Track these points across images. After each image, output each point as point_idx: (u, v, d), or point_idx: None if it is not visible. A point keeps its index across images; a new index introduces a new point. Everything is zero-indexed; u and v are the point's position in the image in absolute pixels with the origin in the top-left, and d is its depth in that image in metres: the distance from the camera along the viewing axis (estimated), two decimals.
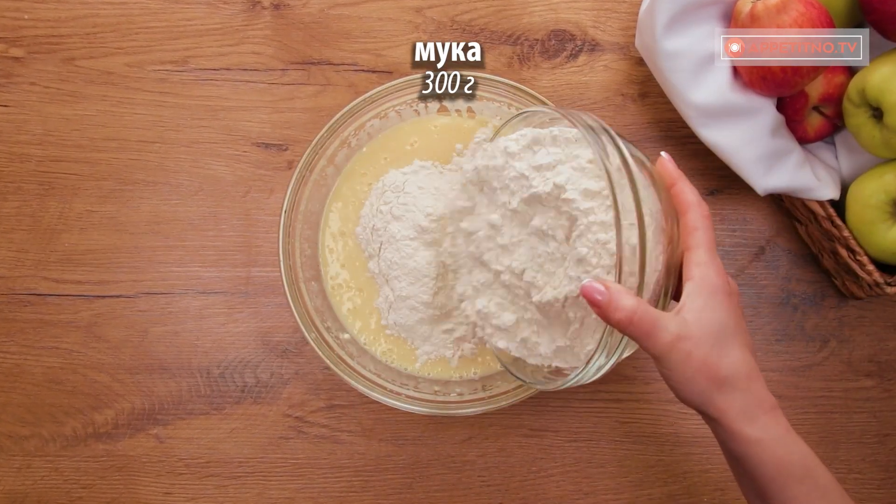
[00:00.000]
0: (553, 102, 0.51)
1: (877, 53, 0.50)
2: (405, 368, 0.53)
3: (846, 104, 0.51)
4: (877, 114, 0.49)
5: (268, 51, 0.60)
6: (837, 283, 0.59)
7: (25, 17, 0.60)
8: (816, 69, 0.50)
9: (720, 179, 0.60)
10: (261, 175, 0.60)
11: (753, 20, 0.49)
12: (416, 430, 0.58)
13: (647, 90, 0.60)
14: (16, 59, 0.60)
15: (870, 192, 0.50)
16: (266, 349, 0.58)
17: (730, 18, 0.53)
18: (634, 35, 0.57)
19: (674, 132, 0.60)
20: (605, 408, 0.58)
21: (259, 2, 0.60)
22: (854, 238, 0.52)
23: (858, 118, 0.50)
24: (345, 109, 0.51)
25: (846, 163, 0.55)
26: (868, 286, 0.52)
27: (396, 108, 0.54)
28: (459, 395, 0.51)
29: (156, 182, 0.60)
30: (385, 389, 0.50)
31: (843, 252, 0.52)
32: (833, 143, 0.57)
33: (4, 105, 0.60)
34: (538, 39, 0.60)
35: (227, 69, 0.60)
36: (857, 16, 0.51)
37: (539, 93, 0.51)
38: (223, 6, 0.60)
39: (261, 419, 0.58)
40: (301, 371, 0.58)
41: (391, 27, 0.60)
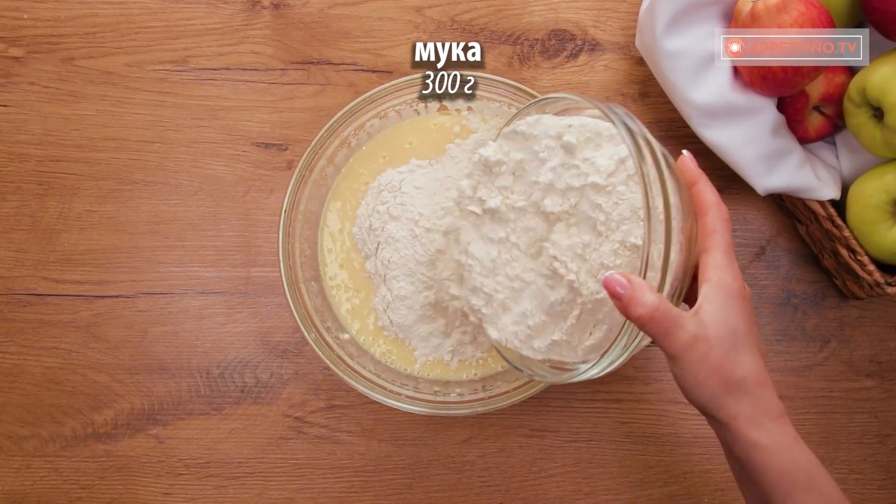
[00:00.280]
0: None
1: (877, 53, 0.50)
2: (405, 369, 0.53)
3: (847, 104, 0.51)
4: (877, 113, 0.49)
5: (267, 50, 0.60)
6: (838, 284, 0.58)
7: (25, 17, 0.60)
8: (817, 69, 0.50)
9: (720, 179, 0.59)
10: (260, 175, 0.60)
11: (754, 20, 0.49)
12: (416, 431, 0.58)
13: (648, 90, 0.60)
14: (15, 59, 0.60)
15: (870, 192, 0.50)
16: (266, 349, 0.58)
17: (730, 18, 0.53)
18: (635, 35, 0.57)
19: (674, 132, 0.60)
20: (606, 408, 0.58)
21: (259, 1, 0.60)
22: (855, 238, 0.51)
23: (859, 118, 0.50)
24: (345, 109, 0.51)
25: (847, 163, 0.55)
26: (869, 286, 0.52)
27: (396, 108, 0.53)
28: (459, 396, 0.51)
29: (155, 182, 0.59)
30: (385, 390, 0.50)
31: (844, 252, 0.52)
32: (834, 143, 0.57)
33: (4, 105, 0.60)
34: (538, 39, 0.60)
35: (227, 69, 0.60)
36: (858, 15, 0.51)
37: (539, 93, 0.51)
38: (223, 6, 0.60)
39: (260, 419, 0.58)
40: (301, 371, 0.58)
41: (391, 27, 0.60)
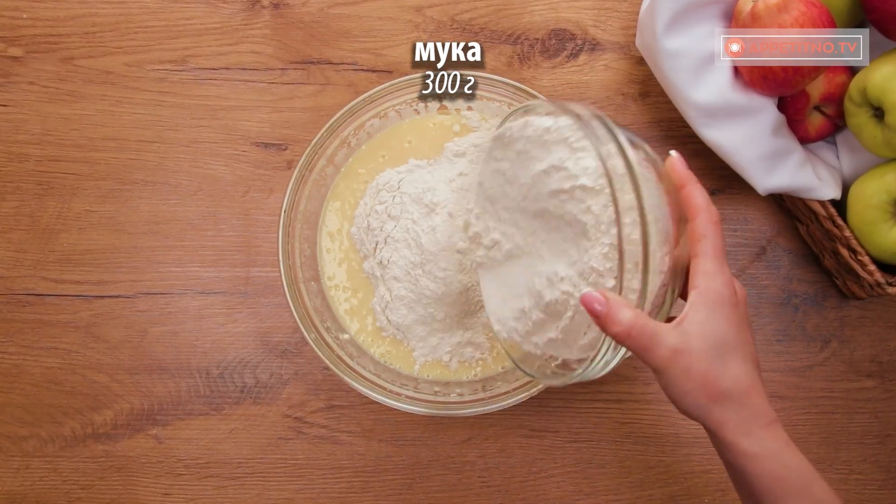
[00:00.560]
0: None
1: (878, 53, 0.50)
2: (404, 369, 0.53)
3: (847, 104, 0.51)
4: (878, 113, 0.49)
5: (267, 50, 0.60)
6: (839, 284, 0.58)
7: (24, 17, 0.60)
8: (817, 69, 0.49)
9: (721, 179, 0.59)
10: (260, 175, 0.59)
11: (754, 19, 0.49)
12: (416, 431, 0.58)
13: (648, 90, 0.60)
14: (14, 59, 0.60)
15: (871, 192, 0.50)
16: (265, 349, 0.58)
17: (731, 18, 0.53)
18: (635, 34, 0.57)
19: (674, 132, 0.60)
20: (606, 408, 0.58)
21: (258, 1, 0.60)
22: (855, 238, 0.51)
23: (860, 118, 0.50)
24: (344, 109, 0.51)
25: (847, 162, 0.55)
26: (869, 286, 0.52)
27: (396, 108, 0.53)
28: (459, 396, 0.50)
29: (155, 182, 0.59)
30: (385, 390, 0.50)
31: (845, 252, 0.52)
32: (834, 143, 0.56)
33: (3, 105, 0.60)
34: (538, 39, 0.60)
35: (227, 68, 0.60)
36: (859, 15, 0.51)
37: (540, 92, 0.51)
38: (222, 5, 0.60)
39: (260, 420, 0.58)
40: (300, 371, 0.58)
41: (391, 26, 0.60)
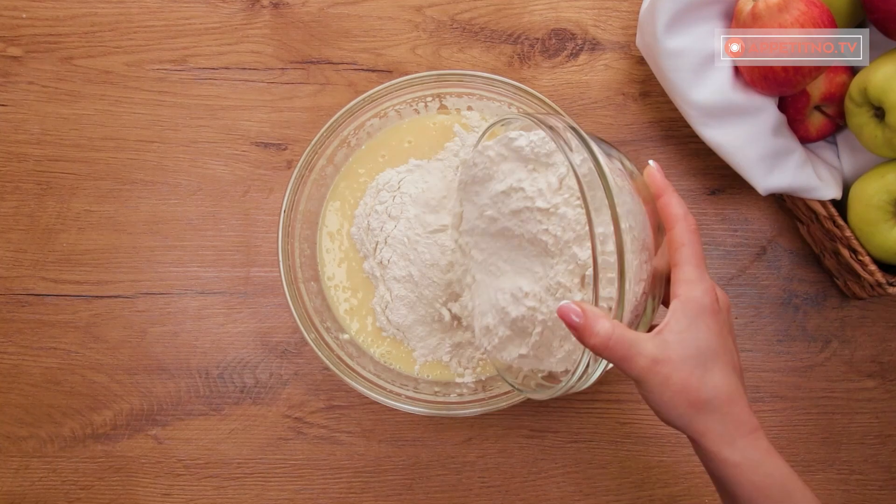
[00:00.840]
0: (554, 101, 0.51)
1: (879, 52, 0.50)
2: (404, 369, 0.53)
3: (848, 103, 0.51)
4: (879, 113, 0.49)
5: (267, 50, 0.60)
6: (839, 284, 0.58)
7: (23, 16, 0.60)
8: (818, 68, 0.49)
9: (721, 179, 0.59)
10: (260, 175, 0.59)
11: (755, 19, 0.49)
12: (416, 431, 0.58)
13: (648, 89, 0.60)
14: (14, 59, 0.60)
15: (872, 192, 0.50)
16: (265, 350, 0.58)
17: (731, 17, 0.53)
18: (635, 34, 0.57)
19: (675, 131, 0.60)
20: (606, 408, 0.58)
21: (258, 1, 0.60)
22: (856, 238, 0.51)
23: (860, 117, 0.50)
24: (344, 109, 0.51)
25: (848, 162, 0.55)
26: (870, 286, 0.52)
27: (396, 108, 0.53)
28: (459, 396, 0.50)
29: (154, 182, 0.59)
30: (385, 390, 0.50)
31: (845, 252, 0.52)
32: (835, 143, 0.56)
33: (2, 104, 0.60)
34: (538, 38, 0.60)
35: (227, 68, 0.60)
36: (859, 14, 0.51)
37: (540, 92, 0.51)
38: (222, 5, 0.60)
39: (260, 420, 0.58)
40: (300, 372, 0.58)
41: (391, 26, 0.60)
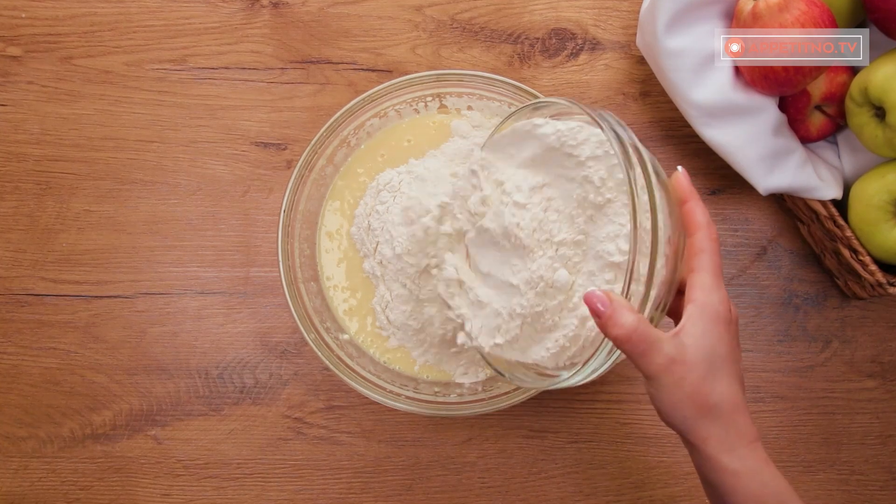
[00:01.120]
0: None
1: (879, 52, 0.50)
2: (404, 370, 0.53)
3: (848, 103, 0.51)
4: (879, 113, 0.48)
5: (267, 49, 0.60)
6: (840, 284, 0.58)
7: (23, 16, 0.60)
8: (818, 68, 0.49)
9: (722, 179, 0.59)
10: (259, 174, 0.59)
11: (755, 19, 0.49)
12: (416, 432, 0.58)
13: (649, 89, 0.60)
14: (13, 58, 0.59)
15: (872, 192, 0.50)
16: (265, 350, 0.58)
17: (731, 17, 0.53)
18: (635, 34, 0.57)
19: (675, 131, 0.59)
20: (607, 409, 0.58)
21: (258, 0, 0.60)
22: (856, 238, 0.51)
23: (861, 117, 0.50)
24: (344, 108, 0.51)
25: (849, 162, 0.55)
26: (870, 286, 0.52)
27: (396, 107, 0.53)
28: (459, 396, 0.50)
29: (154, 182, 0.59)
30: (384, 390, 0.50)
31: (846, 252, 0.52)
32: (835, 143, 0.56)
33: (2, 104, 0.59)
34: (539, 38, 0.60)
35: (226, 68, 0.60)
36: (860, 14, 0.51)
37: (540, 92, 0.51)
38: (222, 4, 0.60)
39: (260, 420, 0.58)
40: (300, 372, 0.58)
41: (391, 26, 0.60)
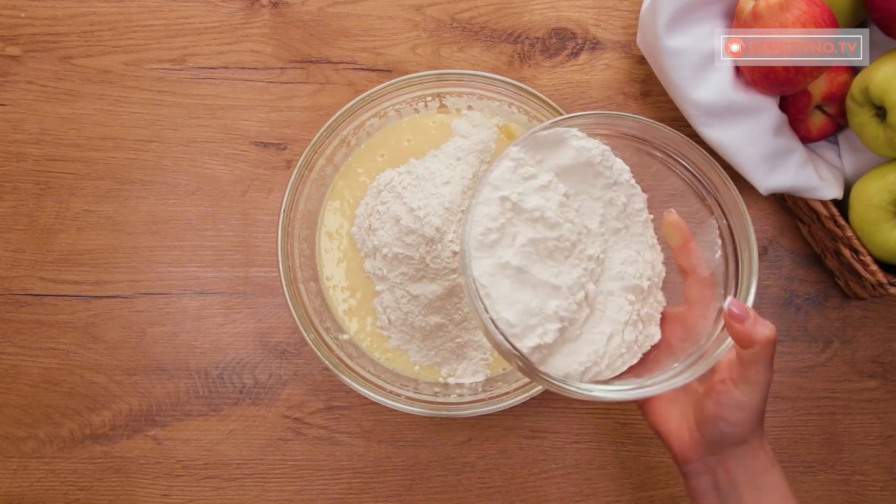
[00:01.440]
0: (554, 101, 0.50)
1: (880, 52, 0.50)
2: (404, 370, 0.53)
3: (849, 103, 0.50)
4: (880, 112, 0.48)
5: (266, 49, 0.60)
6: (841, 284, 0.58)
7: (22, 16, 0.59)
8: (819, 68, 0.49)
9: None
10: (259, 174, 0.59)
11: (756, 19, 0.49)
12: (416, 432, 0.57)
13: (649, 89, 0.60)
14: (12, 58, 0.59)
15: (873, 192, 0.50)
16: (264, 350, 0.58)
17: (732, 16, 0.52)
18: (636, 33, 0.57)
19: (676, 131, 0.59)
20: (607, 409, 0.58)
21: (257, 0, 0.60)
22: (857, 238, 0.51)
23: (862, 117, 0.50)
24: (344, 108, 0.51)
25: (849, 162, 0.55)
26: (871, 286, 0.52)
27: (396, 107, 0.53)
28: (459, 397, 0.50)
29: (153, 181, 0.59)
30: (384, 391, 0.49)
31: (847, 252, 0.52)
32: (836, 142, 0.56)
33: (1, 104, 0.59)
34: (539, 38, 0.60)
35: (226, 68, 0.59)
36: (861, 14, 0.51)
37: (540, 91, 0.51)
38: (221, 4, 0.60)
39: (259, 420, 0.58)
40: (300, 372, 0.58)
41: (390, 25, 0.60)
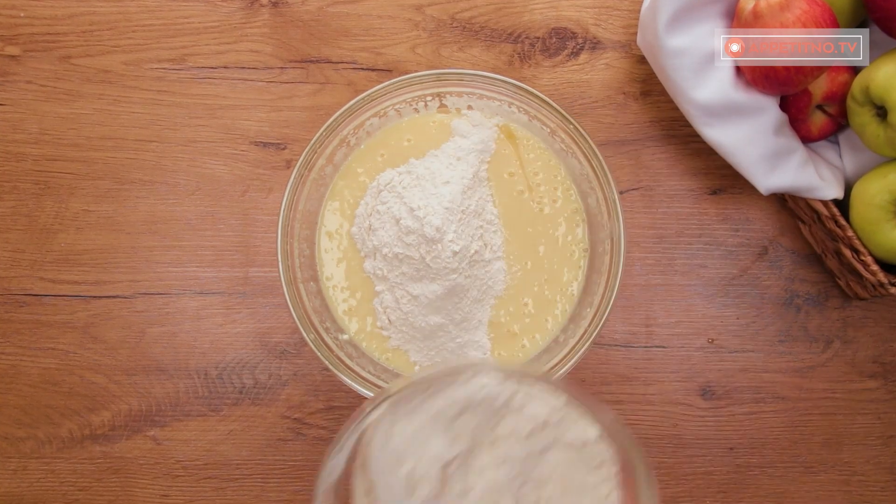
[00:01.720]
0: (555, 100, 0.50)
1: (881, 51, 0.50)
2: (404, 370, 0.53)
3: (850, 102, 0.50)
4: (881, 112, 0.48)
5: (266, 49, 0.59)
6: (841, 284, 0.58)
7: (22, 15, 0.59)
8: (819, 68, 0.49)
9: (723, 178, 0.59)
10: (259, 174, 0.59)
11: (756, 18, 0.49)
12: None
13: (649, 88, 0.60)
14: (12, 58, 0.59)
15: (874, 192, 0.50)
16: (264, 350, 0.58)
17: (732, 16, 0.52)
18: (636, 33, 0.57)
19: (676, 131, 0.59)
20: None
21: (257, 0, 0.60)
22: (858, 238, 0.51)
23: (862, 117, 0.50)
24: (344, 108, 0.51)
25: (850, 162, 0.55)
26: (872, 286, 0.52)
27: (396, 107, 0.53)
28: None
29: (153, 181, 0.59)
30: None
31: (847, 252, 0.52)
32: (837, 142, 0.56)
33: (0, 104, 0.59)
34: (539, 37, 0.60)
35: (225, 67, 0.59)
36: (861, 13, 0.51)
37: (540, 91, 0.51)
38: (221, 4, 0.59)
39: (259, 421, 0.57)
40: (300, 372, 0.58)
41: (390, 25, 0.60)
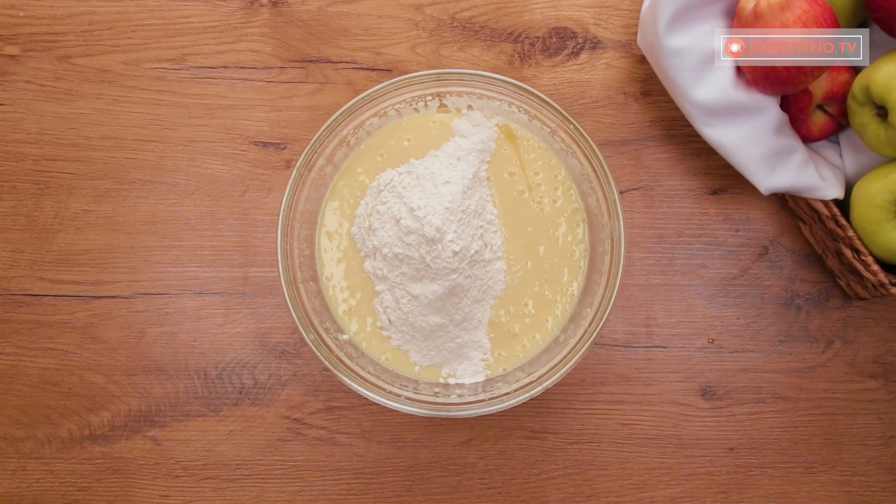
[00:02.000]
0: (555, 100, 0.50)
1: (881, 51, 0.50)
2: (404, 370, 0.53)
3: (850, 102, 0.50)
4: (881, 112, 0.48)
5: (266, 49, 0.59)
6: (842, 284, 0.58)
7: (21, 15, 0.59)
8: (820, 68, 0.49)
9: (723, 178, 0.59)
10: (259, 174, 0.59)
11: (756, 18, 0.49)
12: (416, 433, 0.57)
13: (650, 88, 0.59)
14: (11, 57, 0.59)
15: (875, 192, 0.50)
16: (264, 350, 0.58)
17: (733, 16, 0.52)
18: (636, 32, 0.57)
19: (676, 130, 0.59)
20: (607, 410, 0.58)
21: None
22: (859, 238, 0.51)
23: (863, 116, 0.49)
24: (343, 108, 0.51)
25: (851, 162, 0.54)
26: (873, 287, 0.52)
27: (396, 107, 0.53)
28: (459, 397, 0.50)
29: (152, 181, 0.59)
30: (384, 391, 0.49)
31: (848, 252, 0.52)
32: (837, 142, 0.56)
33: (0, 104, 0.59)
34: (539, 37, 0.60)
35: (225, 67, 0.59)
36: (862, 13, 0.51)
37: (540, 91, 0.51)
38: (221, 3, 0.59)
39: (259, 421, 0.57)
40: (299, 372, 0.58)
41: (390, 25, 0.59)
